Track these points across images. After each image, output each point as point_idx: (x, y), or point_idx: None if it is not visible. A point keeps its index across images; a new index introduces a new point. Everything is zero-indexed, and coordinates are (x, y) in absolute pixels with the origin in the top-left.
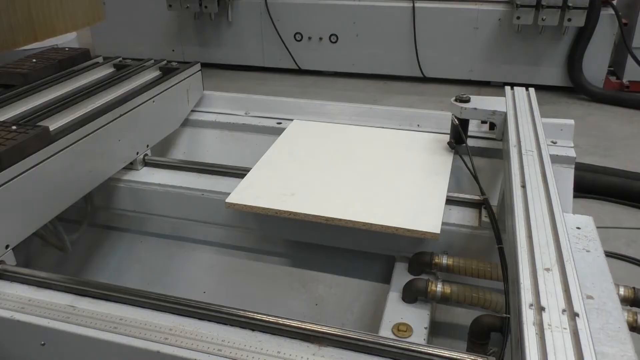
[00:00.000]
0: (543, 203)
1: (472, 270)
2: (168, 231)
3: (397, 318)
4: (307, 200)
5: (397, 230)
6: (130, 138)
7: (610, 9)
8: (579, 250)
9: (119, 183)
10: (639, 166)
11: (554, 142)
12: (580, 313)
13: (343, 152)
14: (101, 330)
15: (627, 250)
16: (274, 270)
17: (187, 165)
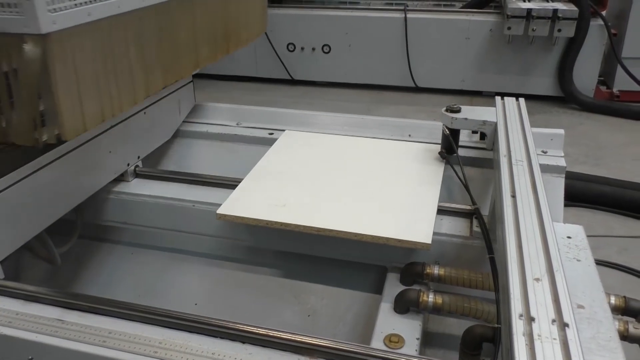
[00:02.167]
0: (533, 213)
1: (464, 280)
2: (159, 243)
3: (389, 329)
4: (298, 211)
5: (388, 241)
6: (121, 149)
7: (600, 20)
8: (569, 259)
9: (110, 195)
10: (629, 175)
11: (544, 151)
12: (570, 323)
13: (335, 163)
14: (90, 344)
15: (618, 258)
16: (265, 282)
17: (179, 176)
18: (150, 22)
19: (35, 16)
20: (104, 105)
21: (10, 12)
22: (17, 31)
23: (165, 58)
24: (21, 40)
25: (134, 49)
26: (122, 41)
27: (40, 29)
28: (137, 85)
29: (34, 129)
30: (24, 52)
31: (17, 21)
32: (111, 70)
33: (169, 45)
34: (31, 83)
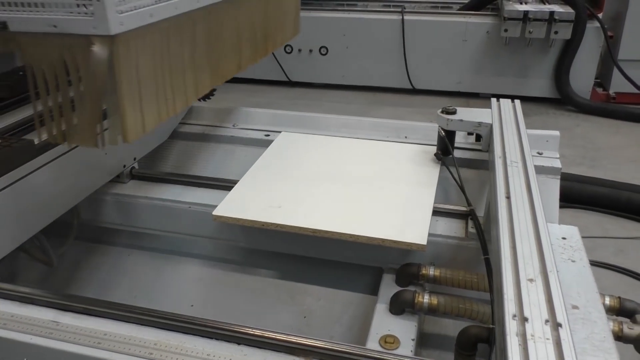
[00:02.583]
0: (527, 214)
1: (459, 281)
2: (155, 244)
3: (385, 330)
4: (294, 212)
5: (384, 242)
6: (117, 151)
7: (596, 22)
8: (564, 260)
9: (106, 196)
10: (625, 176)
11: (539, 153)
12: (563, 323)
13: (331, 164)
14: (84, 346)
15: (614, 259)
16: (262, 283)
17: (175, 177)
18: (201, 24)
19: (105, 17)
20: (160, 107)
21: (78, 12)
22: (85, 32)
23: (213, 59)
24: (88, 42)
25: (187, 50)
26: (177, 43)
27: (110, 30)
28: (188, 86)
29: (97, 131)
30: (91, 54)
31: (85, 22)
32: (167, 71)
33: (217, 46)
34: (96, 85)
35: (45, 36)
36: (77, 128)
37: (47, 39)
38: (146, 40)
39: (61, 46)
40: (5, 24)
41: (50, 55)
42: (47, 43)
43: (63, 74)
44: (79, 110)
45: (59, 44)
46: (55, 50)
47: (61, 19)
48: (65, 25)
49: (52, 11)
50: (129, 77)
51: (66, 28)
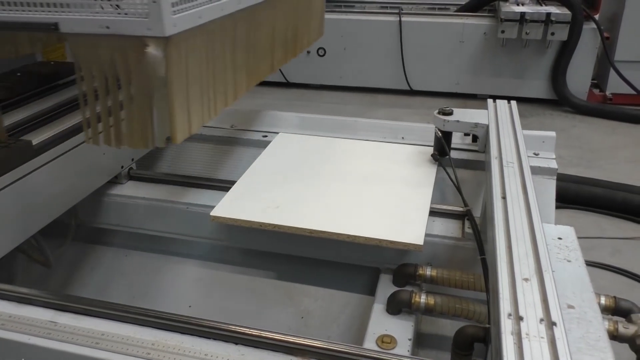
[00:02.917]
0: (523, 214)
1: (456, 281)
2: (153, 245)
3: (382, 330)
4: (292, 212)
5: (381, 242)
6: (114, 151)
7: (593, 24)
8: (560, 260)
9: (104, 197)
10: (622, 177)
11: (536, 153)
12: (558, 322)
13: (328, 165)
14: (82, 346)
15: (611, 259)
16: (259, 284)
17: (172, 178)
18: (241, 25)
19: (161, 19)
20: (204, 108)
21: (132, 14)
22: (140, 34)
23: (250, 60)
24: (141, 43)
25: (229, 51)
26: (220, 44)
27: (164, 32)
28: (228, 88)
29: (148, 133)
30: (144, 55)
31: (139, 23)
32: (211, 73)
33: (254, 47)
34: (148, 87)
35: (97, 37)
36: (128, 130)
37: (98, 40)
38: (194, 41)
39: (113, 47)
40: (57, 25)
41: (101, 57)
42: (98, 44)
43: (113, 76)
44: (129, 112)
45: (110, 45)
46: (106, 52)
47: (114, 20)
48: (118, 27)
49: (105, 12)
50: (179, 78)
51: (119, 29)
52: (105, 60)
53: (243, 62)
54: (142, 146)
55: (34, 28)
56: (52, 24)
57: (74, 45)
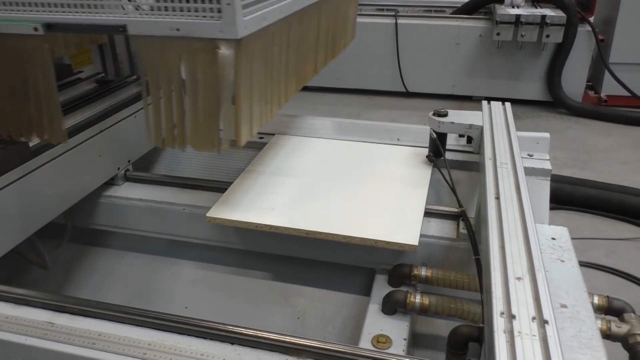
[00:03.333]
0: (516, 214)
1: (451, 281)
2: (150, 247)
3: (377, 330)
4: (288, 213)
5: (376, 243)
6: (111, 153)
7: (587, 26)
8: (553, 260)
9: (100, 198)
10: (616, 178)
11: (530, 155)
12: (550, 320)
13: (324, 166)
14: (79, 347)
15: (606, 260)
16: (256, 285)
17: (169, 180)
18: (294, 27)
19: (234, 21)
20: (262, 112)
21: (204, 16)
22: (211, 36)
23: (299, 63)
24: (213, 45)
25: (283, 54)
26: (277, 47)
27: (237, 34)
28: (281, 90)
29: (214, 136)
30: (216, 58)
31: (212, 25)
32: (269, 75)
33: (302, 50)
34: (218, 89)
35: (165, 39)
36: (193, 133)
37: (166, 42)
38: (258, 44)
39: (181, 50)
40: (125, 27)
41: (168, 59)
42: (166, 46)
43: (179, 78)
44: (195, 114)
45: (179, 48)
46: (174, 54)
47: (185, 23)
48: (189, 29)
49: (176, 15)
50: (245, 81)
51: (190, 32)
52: (173, 63)
53: (293, 65)
54: (207, 149)
55: (102, 30)
56: (121, 26)
57: (141, 48)
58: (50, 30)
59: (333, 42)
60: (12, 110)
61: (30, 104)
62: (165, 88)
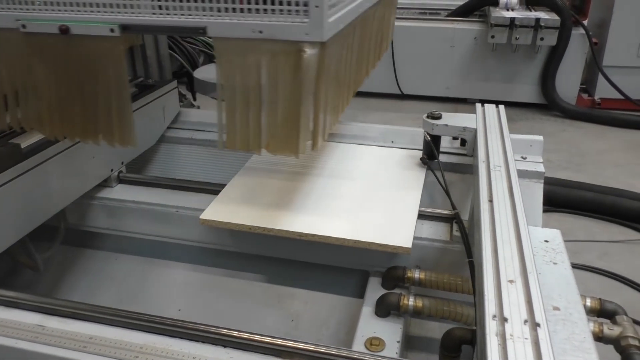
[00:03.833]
0: (509, 217)
1: (444, 284)
2: (143, 249)
3: (370, 332)
4: (281, 215)
5: (370, 245)
6: (104, 155)
7: (581, 29)
8: (546, 262)
9: (93, 200)
10: (610, 180)
11: (523, 157)
12: (542, 323)
13: (318, 168)
14: (70, 350)
15: (599, 263)
16: (249, 287)
17: (162, 182)
18: (357, 30)
19: (321, 23)
20: (333, 114)
21: (289, 18)
22: (296, 38)
23: (358, 67)
24: (297, 48)
25: (349, 57)
26: (345, 50)
27: (323, 37)
28: (344, 95)
29: (294, 139)
30: (301, 60)
31: (297, 28)
32: (338, 78)
33: (360, 54)
34: (298, 92)
35: (246, 41)
36: (272, 137)
37: (247, 45)
38: (334, 47)
39: (263, 52)
40: (205, 29)
41: (248, 62)
42: (247, 49)
43: (258, 81)
44: (273, 117)
45: (260, 50)
46: (254, 57)
47: (268, 25)
48: (273, 31)
49: (259, 16)
50: (324, 84)
51: (273, 34)
52: (252, 65)
53: (354, 68)
54: (286, 153)
55: (180, 31)
56: (201, 28)
57: (220, 49)
58: (125, 31)
59: (380, 46)
60: (77, 112)
61: (99, 106)
62: (241, 91)
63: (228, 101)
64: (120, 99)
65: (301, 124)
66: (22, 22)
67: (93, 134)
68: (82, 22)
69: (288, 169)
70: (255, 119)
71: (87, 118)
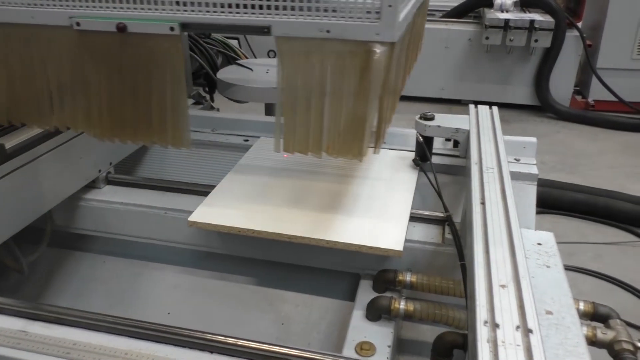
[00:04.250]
0: (502, 220)
1: (436, 287)
2: (132, 251)
3: (361, 337)
4: (271, 218)
5: (360, 248)
6: (92, 156)
7: (575, 31)
8: (539, 266)
9: (80, 202)
10: (603, 182)
11: (517, 159)
12: (534, 329)
13: (308, 170)
14: (53, 356)
15: (592, 265)
16: (239, 289)
17: (151, 183)
18: (407, 33)
19: (393, 23)
20: (389, 117)
21: (359, 17)
22: (366, 38)
23: (402, 71)
24: (363, 49)
25: (402, 59)
26: (401, 52)
27: (394, 37)
28: (396, 97)
29: (360, 142)
30: (371, 61)
31: (368, 28)
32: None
33: (406, 57)
34: (366, 95)
35: (311, 41)
36: (337, 139)
37: (312, 44)
38: (398, 48)
39: (328, 52)
40: (270, 28)
41: (312, 61)
42: (311, 48)
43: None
44: (339, 120)
45: (326, 50)
46: (319, 57)
47: (336, 24)
48: (341, 31)
49: (327, 15)
50: (389, 85)
51: (342, 34)
52: (316, 66)
53: (402, 71)
54: (350, 156)
55: (242, 30)
56: (265, 27)
57: (283, 49)
58: (185, 30)
59: (417, 48)
60: (130, 113)
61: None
62: (303, 92)
63: (288, 103)
64: (176, 100)
65: (367, 126)
66: (76, 20)
67: (145, 135)
68: (141, 20)
69: (278, 170)
70: (316, 121)
71: (139, 119)
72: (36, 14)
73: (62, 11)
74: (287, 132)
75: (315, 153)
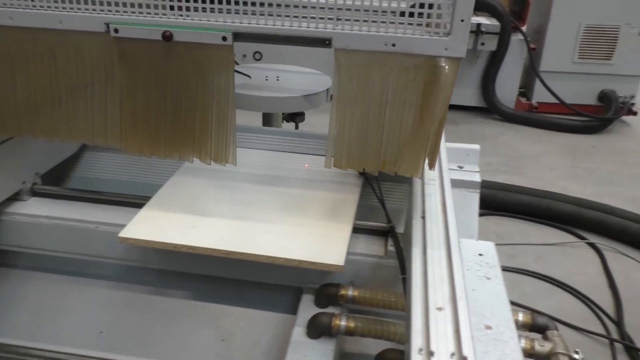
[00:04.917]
0: (441, 235)
1: (378, 301)
2: (60, 266)
3: (301, 356)
4: (208, 233)
5: (301, 264)
6: (14, 166)
7: (520, 35)
8: (480, 277)
9: (2, 216)
10: (545, 183)
11: (460, 167)
12: (469, 356)
13: (250, 180)
14: None
15: (534, 266)
16: (176, 305)
17: (82, 195)
18: None
19: (464, 38)
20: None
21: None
22: (435, 53)
23: None
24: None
25: None
26: None
27: (463, 52)
28: None
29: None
30: (439, 77)
31: (437, 42)
32: None
33: None
34: (433, 110)
35: (374, 55)
36: (396, 156)
37: (374, 58)
38: None
39: (393, 66)
40: (331, 41)
41: (373, 75)
42: (374, 62)
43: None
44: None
45: (390, 64)
46: (380, 70)
47: (402, 38)
48: (408, 45)
49: (392, 28)
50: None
51: (408, 48)
52: (377, 79)
53: None
54: (407, 173)
55: (300, 42)
56: (326, 39)
57: (342, 62)
58: (237, 39)
59: None
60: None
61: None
62: (361, 106)
63: (342, 116)
64: (224, 114)
65: (429, 142)
66: (114, 26)
67: (185, 150)
68: (190, 28)
69: (217, 181)
70: (374, 137)
71: (179, 132)
72: (65, 18)
73: (96, 16)
74: (338, 147)
75: (370, 169)
